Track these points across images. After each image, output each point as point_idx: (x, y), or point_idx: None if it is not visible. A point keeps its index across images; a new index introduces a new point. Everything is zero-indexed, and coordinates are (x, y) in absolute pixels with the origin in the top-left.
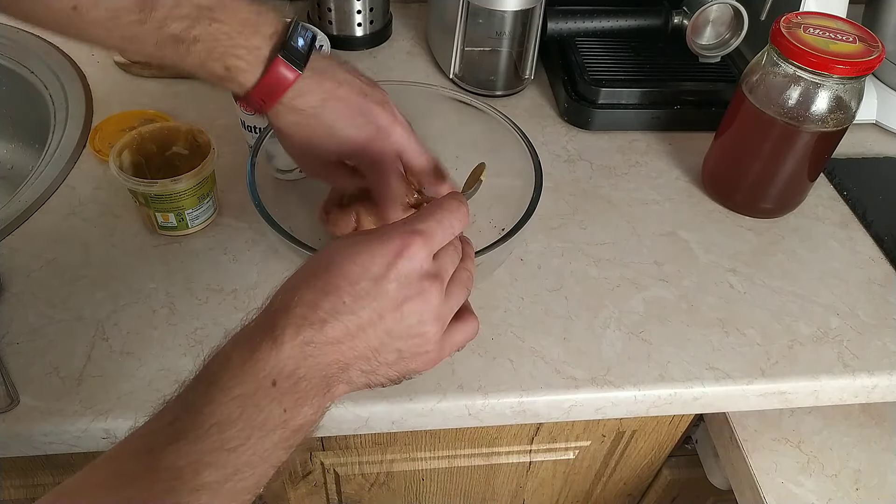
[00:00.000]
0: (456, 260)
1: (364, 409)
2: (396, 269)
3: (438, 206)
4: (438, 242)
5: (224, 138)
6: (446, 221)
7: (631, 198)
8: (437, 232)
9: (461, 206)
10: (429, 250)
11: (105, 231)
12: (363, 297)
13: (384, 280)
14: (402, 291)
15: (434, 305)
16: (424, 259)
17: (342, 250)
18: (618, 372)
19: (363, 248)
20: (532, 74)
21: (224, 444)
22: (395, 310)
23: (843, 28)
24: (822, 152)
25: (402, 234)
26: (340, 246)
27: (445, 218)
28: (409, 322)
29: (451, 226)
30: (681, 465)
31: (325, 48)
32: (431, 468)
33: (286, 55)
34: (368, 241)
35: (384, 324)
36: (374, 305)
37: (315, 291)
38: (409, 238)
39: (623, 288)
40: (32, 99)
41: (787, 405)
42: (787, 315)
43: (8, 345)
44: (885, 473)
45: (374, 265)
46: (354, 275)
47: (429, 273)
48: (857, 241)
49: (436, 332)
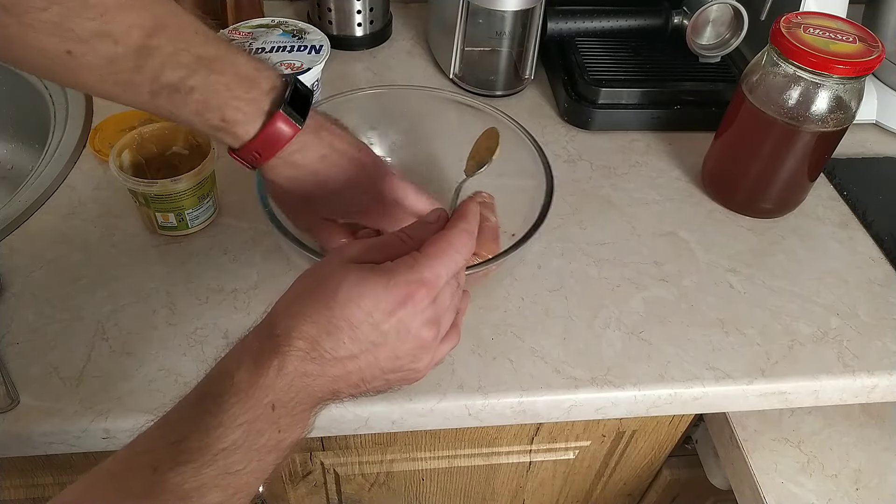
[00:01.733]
0: (457, 293)
1: (364, 409)
2: (398, 318)
3: (448, 246)
4: (442, 285)
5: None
6: (453, 263)
7: (631, 198)
8: (442, 277)
9: (469, 241)
10: (432, 298)
11: (105, 231)
12: (363, 340)
13: (385, 327)
14: (400, 337)
15: (429, 349)
16: (426, 307)
17: (346, 286)
18: (618, 372)
19: (368, 292)
20: (532, 74)
21: (228, 468)
22: (392, 353)
23: (843, 28)
24: (822, 152)
25: (408, 283)
26: (344, 279)
27: (453, 260)
28: (402, 362)
29: (456, 264)
30: (681, 465)
31: (325, 48)
32: (431, 468)
33: (287, 110)
34: (374, 283)
35: (379, 363)
36: (372, 349)
37: (318, 328)
38: (414, 289)
39: (623, 288)
40: (32, 99)
41: (787, 405)
42: (787, 315)
43: (8, 345)
44: (885, 473)
45: (377, 311)
46: (357, 318)
47: (428, 320)
48: (857, 241)
49: (426, 364)
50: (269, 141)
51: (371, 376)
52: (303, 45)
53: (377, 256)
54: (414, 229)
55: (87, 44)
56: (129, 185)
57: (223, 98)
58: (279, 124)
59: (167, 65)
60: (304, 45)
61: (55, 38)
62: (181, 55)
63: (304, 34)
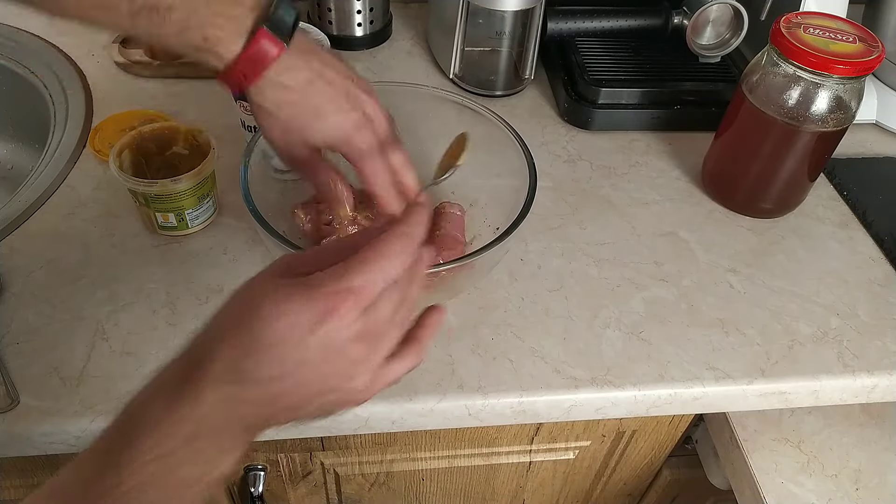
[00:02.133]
0: (406, 304)
1: (364, 408)
2: (321, 334)
3: (382, 251)
4: (374, 294)
5: (224, 138)
6: (387, 269)
7: (631, 198)
8: (373, 286)
9: (408, 244)
10: (360, 309)
11: (105, 231)
12: (286, 360)
13: (308, 343)
14: (326, 355)
15: (365, 366)
16: (354, 320)
17: (266, 304)
18: (618, 372)
19: (289, 307)
20: (532, 74)
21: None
22: (319, 373)
23: (843, 28)
24: (822, 152)
25: (330, 294)
26: (266, 296)
27: (387, 266)
28: (334, 382)
29: (391, 270)
30: (681, 465)
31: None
32: (431, 468)
33: (271, 27)
34: (295, 297)
35: (308, 385)
36: (296, 369)
37: (235, 349)
38: (338, 301)
39: (623, 288)
40: (32, 99)
41: (787, 405)
42: (787, 315)
43: (8, 345)
44: (885, 473)
45: (298, 327)
46: (277, 336)
47: (358, 335)
48: (857, 241)
49: (364, 383)
50: (252, 60)
51: (303, 399)
52: None
53: (311, 267)
54: (355, 237)
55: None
56: (129, 185)
57: (203, 16)
58: (263, 42)
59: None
60: None
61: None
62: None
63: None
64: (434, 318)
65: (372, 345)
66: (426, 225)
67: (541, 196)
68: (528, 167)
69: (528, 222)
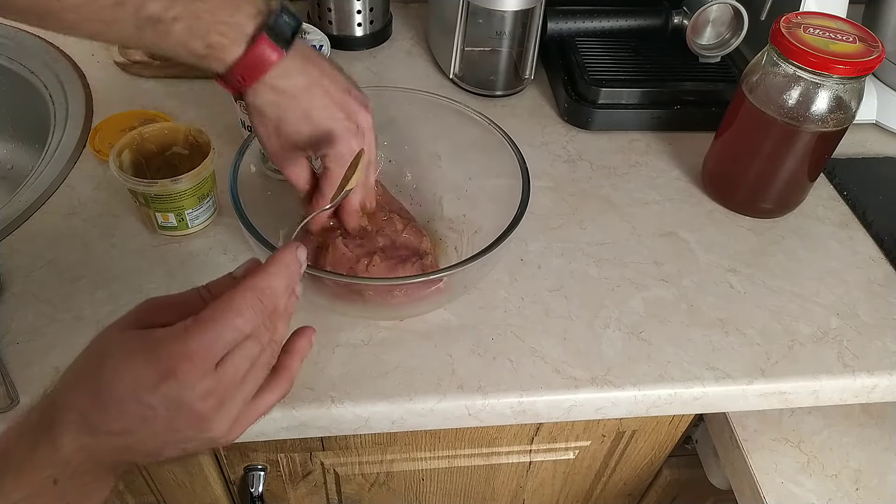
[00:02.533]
0: (252, 353)
1: (364, 409)
2: (160, 396)
3: (227, 310)
4: (216, 355)
5: (224, 138)
6: (230, 330)
7: (631, 198)
8: (213, 346)
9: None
10: (202, 371)
11: (105, 231)
12: (132, 415)
13: (152, 402)
14: (172, 412)
15: (216, 418)
16: (198, 380)
17: (111, 359)
18: (618, 372)
19: (130, 365)
20: (532, 74)
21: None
22: (168, 426)
23: (843, 28)
24: (822, 152)
25: (170, 356)
26: (112, 349)
27: (230, 326)
28: (187, 434)
29: (237, 330)
30: (681, 465)
31: (325, 49)
32: (431, 468)
33: (271, 34)
34: (137, 356)
35: (160, 436)
36: (145, 424)
37: (87, 398)
38: (176, 364)
39: (623, 288)
40: (32, 99)
41: (787, 405)
42: (787, 315)
43: (8, 345)
44: (885, 473)
45: (140, 388)
46: (120, 394)
47: (206, 393)
48: (857, 241)
49: (223, 430)
50: (252, 64)
51: (158, 447)
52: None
53: (169, 316)
54: (216, 286)
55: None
56: (129, 185)
57: (206, 24)
58: (263, 48)
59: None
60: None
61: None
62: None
63: (304, 34)
64: (302, 343)
65: (225, 398)
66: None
67: (541, 196)
68: (522, 173)
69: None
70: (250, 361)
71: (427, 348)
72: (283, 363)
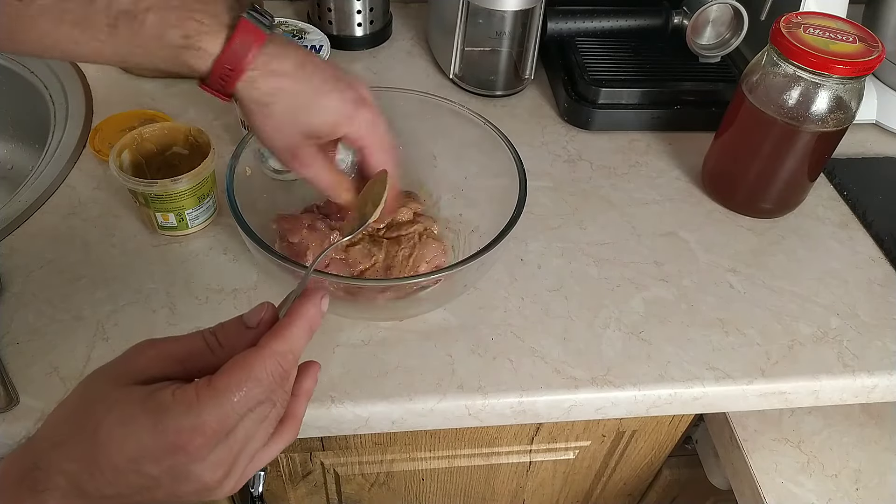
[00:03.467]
0: (261, 418)
1: (364, 409)
2: (169, 466)
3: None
4: (230, 427)
5: (224, 138)
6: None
7: (631, 198)
8: (230, 418)
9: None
10: (213, 444)
11: (105, 231)
12: (131, 485)
13: (154, 473)
14: (177, 482)
15: (220, 482)
16: (209, 453)
17: (108, 424)
18: (618, 372)
19: (132, 435)
20: (532, 74)
21: None
22: (171, 493)
23: (843, 28)
24: (822, 152)
25: (179, 431)
26: (110, 412)
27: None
28: (190, 498)
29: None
30: (681, 465)
31: (325, 49)
32: (431, 468)
33: (251, 17)
34: (140, 425)
35: (159, 501)
36: (144, 492)
37: (78, 463)
38: (187, 439)
39: (623, 288)
40: (32, 99)
41: (787, 405)
42: (787, 315)
43: (8, 345)
44: (885, 473)
45: (143, 459)
46: (119, 464)
47: (214, 464)
48: (857, 241)
49: (226, 490)
50: (237, 51)
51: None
52: (303, 44)
53: (172, 368)
54: (226, 334)
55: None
56: (129, 185)
57: (180, 14)
58: (246, 30)
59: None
60: (304, 45)
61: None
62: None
63: (304, 34)
64: (308, 385)
65: (235, 464)
66: (311, 325)
67: (541, 196)
68: (518, 173)
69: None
70: (262, 421)
71: (427, 348)
72: (290, 411)
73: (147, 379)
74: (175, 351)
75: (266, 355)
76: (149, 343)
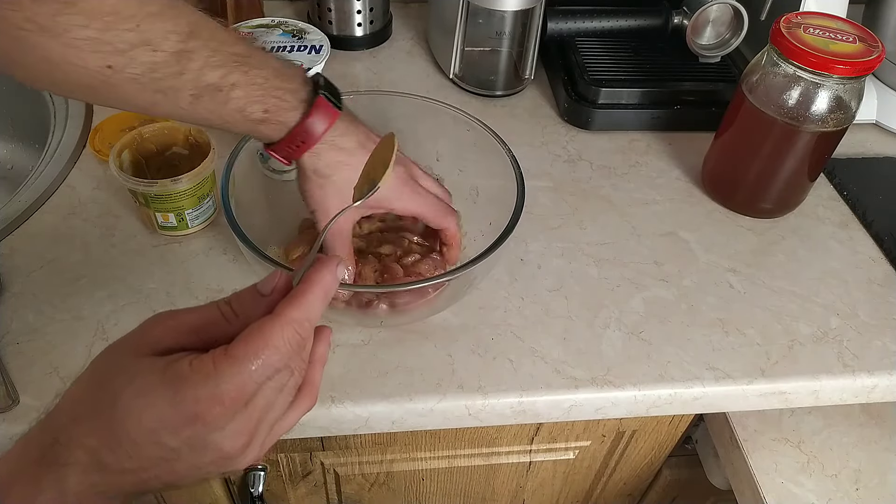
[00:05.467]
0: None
1: (364, 409)
2: (184, 439)
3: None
4: (248, 395)
5: (224, 138)
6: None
7: (631, 198)
8: (248, 386)
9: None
10: (233, 412)
11: (105, 231)
12: (150, 457)
13: (174, 444)
14: (196, 452)
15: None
16: (228, 421)
17: (127, 396)
18: (618, 372)
19: (150, 407)
20: (532, 74)
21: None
22: (190, 464)
23: (843, 28)
24: (822, 152)
25: (198, 400)
26: (128, 385)
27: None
28: (210, 468)
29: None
30: (681, 465)
31: (325, 49)
32: (431, 468)
33: (326, 95)
34: (158, 396)
35: (179, 471)
36: (163, 463)
37: (97, 436)
38: (206, 408)
39: (623, 288)
40: (32, 99)
41: (787, 405)
42: (787, 315)
43: (8, 345)
44: (885, 473)
45: (162, 430)
46: (138, 436)
47: (234, 433)
48: (857, 241)
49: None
50: (312, 126)
51: (177, 480)
52: (303, 45)
53: (188, 339)
54: (241, 303)
55: (126, 55)
56: (129, 185)
57: (264, 90)
58: (321, 108)
59: (207, 65)
60: (304, 45)
61: (97, 55)
62: (218, 55)
63: (304, 34)
64: (322, 350)
65: (255, 433)
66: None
67: (541, 196)
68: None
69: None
70: (280, 390)
71: (427, 348)
72: (308, 378)
73: (163, 350)
74: (191, 321)
75: (283, 322)
76: (165, 314)
